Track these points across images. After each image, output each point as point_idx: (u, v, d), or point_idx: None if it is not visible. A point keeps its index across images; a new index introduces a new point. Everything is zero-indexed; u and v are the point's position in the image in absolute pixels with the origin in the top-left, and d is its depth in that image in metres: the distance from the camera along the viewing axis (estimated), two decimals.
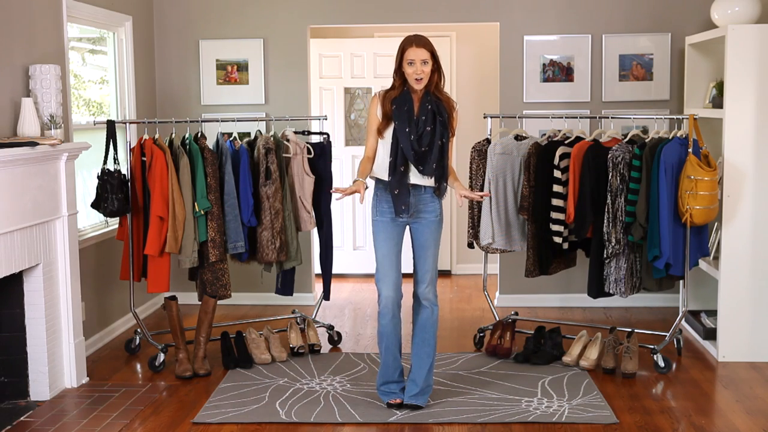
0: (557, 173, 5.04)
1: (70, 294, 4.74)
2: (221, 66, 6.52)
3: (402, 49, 4.22)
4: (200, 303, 5.16)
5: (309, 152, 5.36)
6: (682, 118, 5.07)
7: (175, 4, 6.52)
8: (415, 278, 4.39)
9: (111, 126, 5.09)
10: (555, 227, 5.06)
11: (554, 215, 5.06)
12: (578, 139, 5.20)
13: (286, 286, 5.46)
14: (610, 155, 4.96)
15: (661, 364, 4.94)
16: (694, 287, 5.77)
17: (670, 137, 5.00)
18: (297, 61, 6.50)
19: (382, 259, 4.30)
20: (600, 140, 5.16)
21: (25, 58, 4.64)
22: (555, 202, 5.05)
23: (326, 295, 5.53)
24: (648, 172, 4.90)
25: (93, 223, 5.63)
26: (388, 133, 4.26)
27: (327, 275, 5.49)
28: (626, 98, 6.31)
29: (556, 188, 5.04)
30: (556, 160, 5.03)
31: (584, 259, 5.37)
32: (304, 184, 5.32)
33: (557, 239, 5.07)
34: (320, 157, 5.41)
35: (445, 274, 7.77)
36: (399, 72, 4.26)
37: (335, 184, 7.49)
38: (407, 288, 4.39)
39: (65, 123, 4.97)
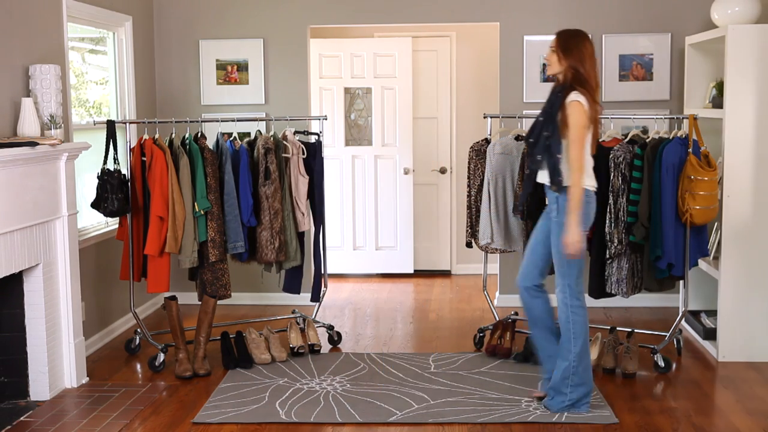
0: None
1: (70, 294, 4.74)
2: (221, 66, 6.52)
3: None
4: (200, 303, 5.16)
5: (303, 152, 5.35)
6: (682, 118, 5.07)
7: (175, 4, 6.52)
8: None
9: (111, 126, 5.09)
10: None
11: None
12: None
13: (293, 284, 5.46)
14: (611, 155, 4.95)
15: (661, 364, 4.94)
16: (694, 287, 5.77)
17: (671, 137, 5.00)
18: (297, 61, 6.51)
19: None
20: (600, 140, 5.16)
21: (25, 58, 4.64)
22: None
23: (314, 295, 5.52)
24: (650, 172, 4.90)
25: (93, 223, 5.63)
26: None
27: (316, 275, 5.49)
28: (626, 98, 6.31)
29: None
30: None
31: (585, 259, 5.37)
32: (299, 184, 5.32)
33: None
34: (312, 157, 5.40)
35: (445, 274, 7.78)
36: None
37: (336, 183, 7.52)
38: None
39: (65, 123, 4.97)
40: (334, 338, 5.56)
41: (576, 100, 4.13)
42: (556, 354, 4.35)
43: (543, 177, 4.28)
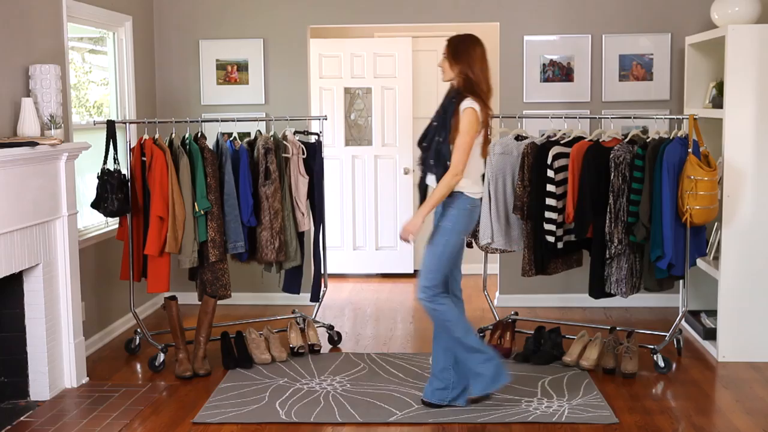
0: (550, 173, 5.04)
1: (70, 294, 4.74)
2: (221, 66, 6.52)
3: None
4: (200, 303, 5.16)
5: (303, 152, 5.35)
6: (682, 118, 5.07)
7: (175, 4, 6.52)
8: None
9: (111, 126, 5.10)
10: (548, 227, 5.06)
11: (547, 215, 5.06)
12: (577, 139, 5.20)
13: (293, 284, 5.46)
14: (612, 155, 4.95)
15: (661, 364, 4.94)
16: (694, 287, 5.77)
17: (671, 137, 5.00)
18: (297, 61, 6.51)
19: None
20: (600, 140, 5.16)
21: (25, 58, 4.64)
22: (548, 201, 5.05)
23: (314, 295, 5.52)
24: (651, 172, 4.90)
25: (93, 223, 5.63)
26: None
27: (316, 275, 5.49)
28: (626, 98, 6.31)
29: (550, 188, 5.04)
30: (549, 160, 5.03)
31: (586, 259, 5.37)
32: (299, 185, 5.32)
33: (550, 238, 5.07)
34: (312, 157, 5.40)
35: None
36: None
37: (336, 183, 7.52)
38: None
39: (65, 123, 4.97)
40: (334, 338, 5.56)
41: (470, 107, 4.20)
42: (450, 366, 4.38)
43: (432, 181, 4.32)
